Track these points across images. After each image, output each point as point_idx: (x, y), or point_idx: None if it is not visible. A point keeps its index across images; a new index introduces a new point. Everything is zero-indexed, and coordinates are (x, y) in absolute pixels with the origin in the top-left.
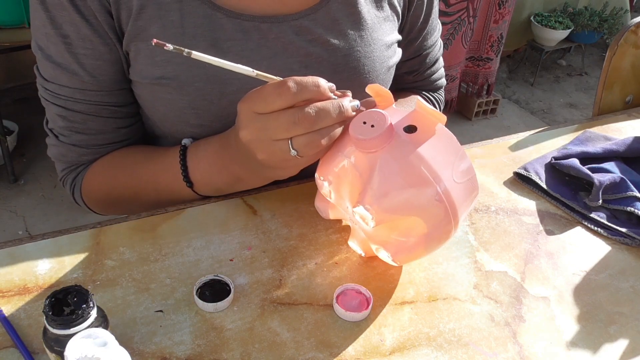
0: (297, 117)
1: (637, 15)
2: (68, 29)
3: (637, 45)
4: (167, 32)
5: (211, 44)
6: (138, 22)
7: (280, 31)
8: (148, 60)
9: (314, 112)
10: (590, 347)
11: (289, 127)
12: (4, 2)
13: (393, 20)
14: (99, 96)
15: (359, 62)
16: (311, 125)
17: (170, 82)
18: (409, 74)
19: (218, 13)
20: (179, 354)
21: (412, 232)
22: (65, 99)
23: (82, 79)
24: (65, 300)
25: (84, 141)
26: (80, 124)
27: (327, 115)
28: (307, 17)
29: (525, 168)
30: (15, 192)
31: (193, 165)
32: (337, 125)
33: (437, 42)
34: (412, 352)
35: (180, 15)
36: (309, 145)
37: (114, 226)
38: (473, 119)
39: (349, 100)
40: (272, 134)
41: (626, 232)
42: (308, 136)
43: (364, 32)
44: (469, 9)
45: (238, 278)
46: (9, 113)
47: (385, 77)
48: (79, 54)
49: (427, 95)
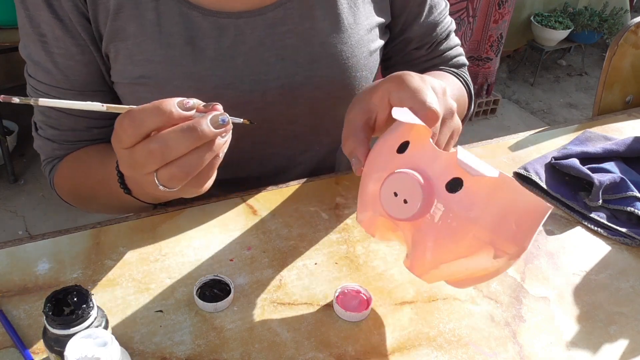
0: (146, 152)
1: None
2: (45, 28)
3: (637, 45)
4: (145, 30)
5: (188, 42)
6: (116, 22)
7: (255, 26)
8: (127, 60)
9: (161, 144)
10: (590, 347)
11: (143, 162)
12: (4, 2)
13: (374, 3)
14: (71, 95)
15: (336, 48)
16: (161, 158)
17: (149, 80)
18: (420, 48)
19: (194, 12)
20: (179, 354)
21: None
22: (42, 94)
23: (56, 77)
24: (65, 300)
25: (57, 136)
26: (54, 119)
27: (177, 143)
28: (282, 6)
29: (525, 168)
30: (15, 192)
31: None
32: (199, 151)
33: (445, 16)
34: (412, 352)
35: (157, 14)
36: (172, 179)
37: (114, 226)
38: (473, 119)
39: (210, 118)
40: (138, 171)
41: (626, 232)
42: (167, 169)
43: (341, 17)
44: (469, 8)
45: (238, 278)
46: (9, 113)
47: (366, 62)
48: (53, 53)
49: (451, 71)
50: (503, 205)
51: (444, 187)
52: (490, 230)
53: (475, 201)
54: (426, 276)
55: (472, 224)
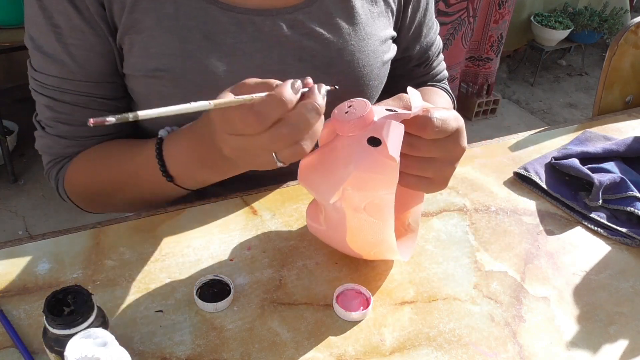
0: (276, 137)
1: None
2: (59, 19)
3: (637, 45)
4: (162, 24)
5: (205, 36)
6: (133, 14)
7: (274, 24)
8: (143, 53)
9: (292, 128)
10: (590, 347)
11: (269, 147)
12: (4, 2)
13: (387, 16)
14: (87, 87)
15: (353, 56)
16: (292, 140)
17: (165, 74)
18: (420, 66)
19: (212, 5)
20: (179, 354)
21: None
22: (53, 88)
23: (71, 69)
24: (65, 300)
25: (70, 132)
26: (66, 114)
27: (306, 124)
28: (302, 10)
29: (525, 168)
30: (15, 192)
31: (170, 160)
32: (318, 124)
33: (437, 35)
34: (412, 352)
35: (175, 8)
36: (294, 156)
37: (114, 226)
38: (473, 119)
39: (318, 92)
40: (253, 153)
41: (626, 232)
42: (292, 148)
43: (358, 26)
44: (469, 9)
45: (238, 278)
46: (9, 113)
47: (379, 71)
48: (68, 44)
49: (440, 87)
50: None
51: (368, 139)
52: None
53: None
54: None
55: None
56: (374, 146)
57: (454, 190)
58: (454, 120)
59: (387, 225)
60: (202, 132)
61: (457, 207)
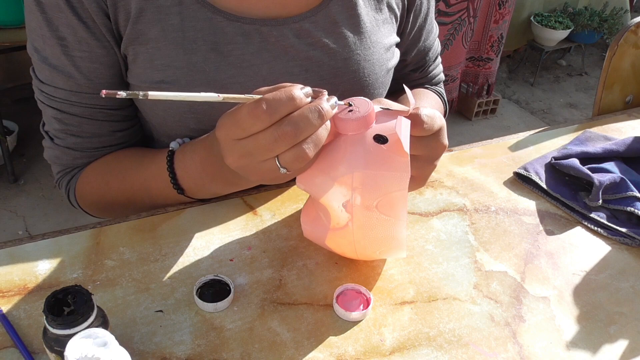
0: (278, 135)
1: (637, 15)
2: (65, 31)
3: (637, 45)
4: (167, 35)
5: (212, 48)
6: (137, 25)
7: (280, 34)
8: (147, 64)
9: (294, 126)
10: (590, 347)
11: (271, 146)
12: (4, 2)
13: (391, 23)
14: (94, 99)
15: (359, 65)
16: (294, 139)
17: (170, 86)
18: (416, 71)
19: (218, 17)
20: (179, 354)
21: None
22: (61, 101)
23: (78, 81)
24: (65, 300)
25: (79, 144)
26: (75, 126)
27: (308, 124)
28: (308, 19)
29: (525, 168)
30: (15, 192)
31: (181, 173)
32: (322, 130)
33: (436, 39)
34: (412, 352)
35: (181, 19)
36: (297, 160)
37: (114, 226)
38: (473, 119)
39: (326, 100)
40: (257, 157)
41: (626, 232)
42: (293, 151)
43: (364, 35)
44: (469, 9)
45: (238, 278)
46: (9, 113)
47: (384, 79)
48: (75, 57)
49: (433, 89)
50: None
51: (374, 137)
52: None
53: (376, 156)
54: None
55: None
56: (380, 144)
57: (454, 190)
58: (439, 119)
59: (399, 222)
60: (213, 145)
61: (457, 207)
